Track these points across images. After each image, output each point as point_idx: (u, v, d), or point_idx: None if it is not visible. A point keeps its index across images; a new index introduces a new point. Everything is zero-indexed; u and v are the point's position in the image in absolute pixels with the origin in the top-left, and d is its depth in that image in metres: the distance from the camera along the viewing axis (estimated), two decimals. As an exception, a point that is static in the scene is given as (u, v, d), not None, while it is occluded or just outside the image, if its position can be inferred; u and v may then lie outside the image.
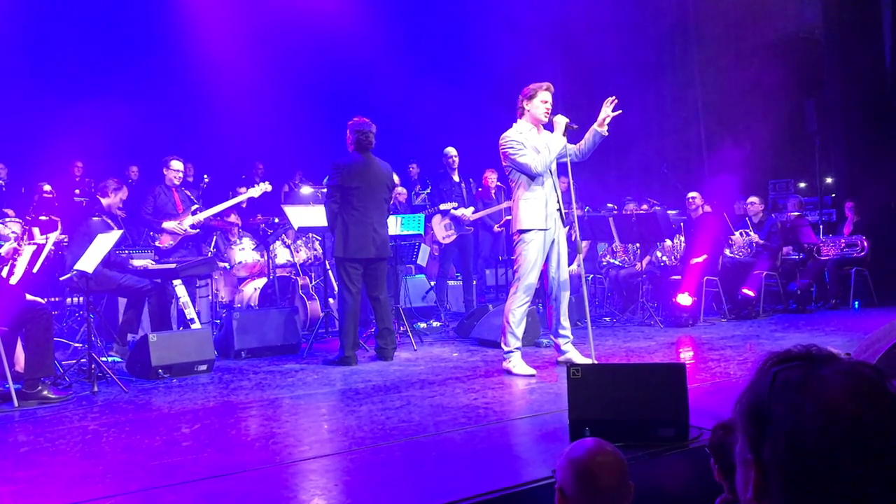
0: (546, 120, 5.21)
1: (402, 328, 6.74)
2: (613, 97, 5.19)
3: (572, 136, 5.25)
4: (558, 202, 5.21)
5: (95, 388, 4.84)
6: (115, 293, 6.36)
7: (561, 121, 5.19)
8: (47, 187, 8.19)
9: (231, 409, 4.31)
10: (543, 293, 5.69)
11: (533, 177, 5.11)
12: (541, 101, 5.16)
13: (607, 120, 5.17)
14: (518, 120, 5.24)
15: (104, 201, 6.35)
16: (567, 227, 8.03)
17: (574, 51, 11.31)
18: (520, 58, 10.45)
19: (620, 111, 5.19)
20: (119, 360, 5.89)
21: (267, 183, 7.70)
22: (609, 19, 10.98)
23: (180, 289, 6.62)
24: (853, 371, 0.89)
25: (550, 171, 5.21)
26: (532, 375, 4.96)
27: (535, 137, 5.18)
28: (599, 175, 10.89)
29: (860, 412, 0.85)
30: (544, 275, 5.30)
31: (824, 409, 0.86)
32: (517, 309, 5.13)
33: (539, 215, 5.11)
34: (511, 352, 5.11)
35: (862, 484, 0.83)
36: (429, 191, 8.96)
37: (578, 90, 11.72)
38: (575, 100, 11.42)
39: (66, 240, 6.28)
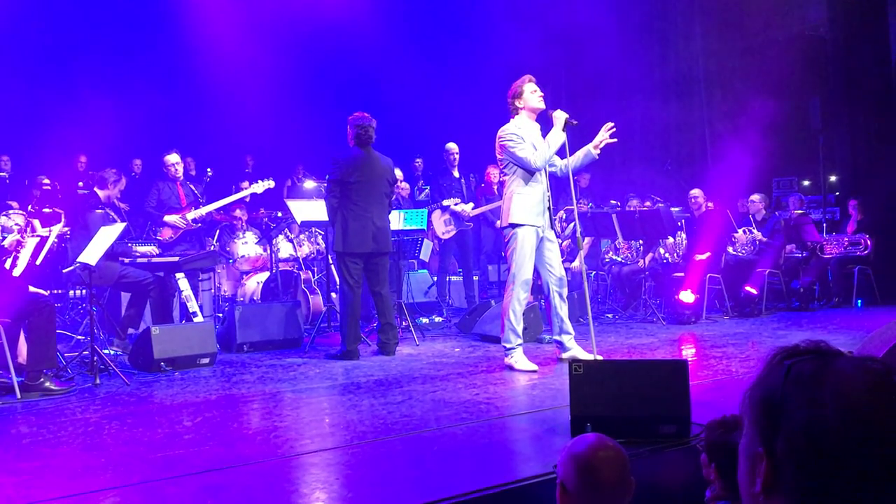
0: (543, 105, 5.21)
1: (404, 323, 6.74)
2: (612, 124, 5.21)
3: (570, 141, 5.23)
4: (549, 201, 5.20)
5: (98, 381, 4.85)
6: (117, 287, 6.34)
7: (561, 116, 5.16)
8: (46, 180, 8.20)
9: (233, 403, 4.32)
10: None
11: (531, 171, 5.10)
12: (530, 91, 5.18)
13: (601, 144, 5.20)
14: (513, 118, 5.24)
15: (102, 193, 6.27)
16: (571, 224, 8.07)
17: (577, 47, 11.27)
18: (523, 52, 10.43)
19: (616, 139, 5.23)
20: (120, 353, 5.89)
21: (270, 180, 7.69)
22: (613, 18, 10.93)
23: (183, 282, 6.62)
24: (865, 365, 0.89)
25: (545, 170, 5.21)
26: (534, 371, 4.95)
27: (535, 134, 5.17)
28: (603, 172, 10.87)
29: (879, 406, 0.85)
30: (539, 273, 5.28)
31: (844, 402, 0.86)
32: (517, 306, 5.12)
33: (533, 211, 5.10)
34: (513, 348, 5.11)
35: (880, 476, 0.83)
36: (429, 187, 8.98)
37: (581, 85, 11.70)
38: (577, 94, 11.41)
39: (68, 232, 6.28)
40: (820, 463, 0.85)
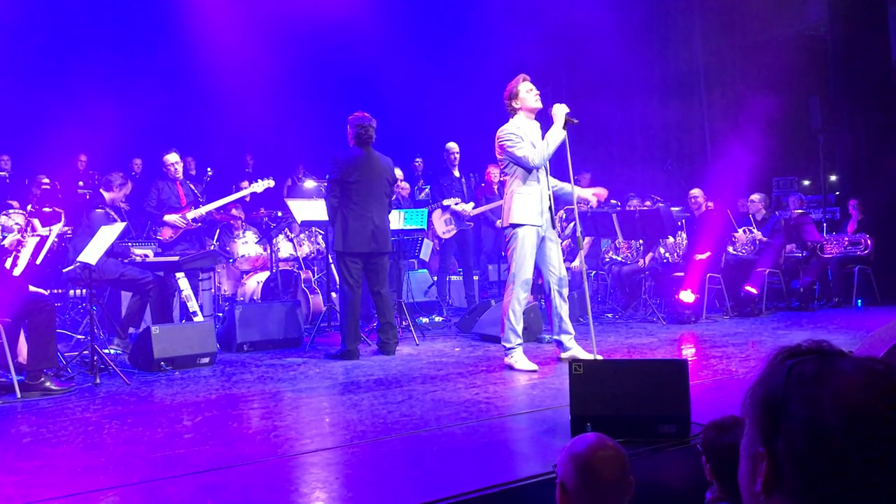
0: (540, 104, 5.22)
1: (404, 323, 6.75)
2: (606, 192, 5.62)
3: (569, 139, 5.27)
4: (550, 200, 5.20)
5: (98, 380, 4.85)
6: (117, 286, 6.35)
7: (560, 112, 5.15)
8: (46, 179, 8.20)
9: (233, 402, 4.32)
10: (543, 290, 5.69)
11: (529, 170, 5.11)
12: (525, 91, 5.18)
13: (583, 198, 5.55)
14: (512, 118, 5.24)
15: (107, 195, 6.31)
16: (572, 224, 8.07)
17: (576, 47, 11.28)
18: (522, 51, 10.44)
19: (596, 206, 5.68)
20: (120, 352, 5.89)
21: (270, 179, 7.70)
22: (613, 17, 10.94)
23: (183, 282, 6.62)
24: (866, 365, 0.89)
25: (545, 169, 5.21)
26: (534, 371, 4.95)
27: (535, 133, 5.17)
28: (603, 172, 10.87)
29: (880, 405, 0.85)
30: (540, 273, 5.28)
31: (845, 402, 0.86)
32: (517, 305, 5.12)
33: (533, 210, 5.10)
34: (513, 348, 5.11)
35: (881, 476, 0.83)
36: (429, 187, 8.98)
37: (581, 84, 11.70)
38: (577, 94, 11.41)
39: (69, 231, 6.28)
40: (821, 463, 0.85)
